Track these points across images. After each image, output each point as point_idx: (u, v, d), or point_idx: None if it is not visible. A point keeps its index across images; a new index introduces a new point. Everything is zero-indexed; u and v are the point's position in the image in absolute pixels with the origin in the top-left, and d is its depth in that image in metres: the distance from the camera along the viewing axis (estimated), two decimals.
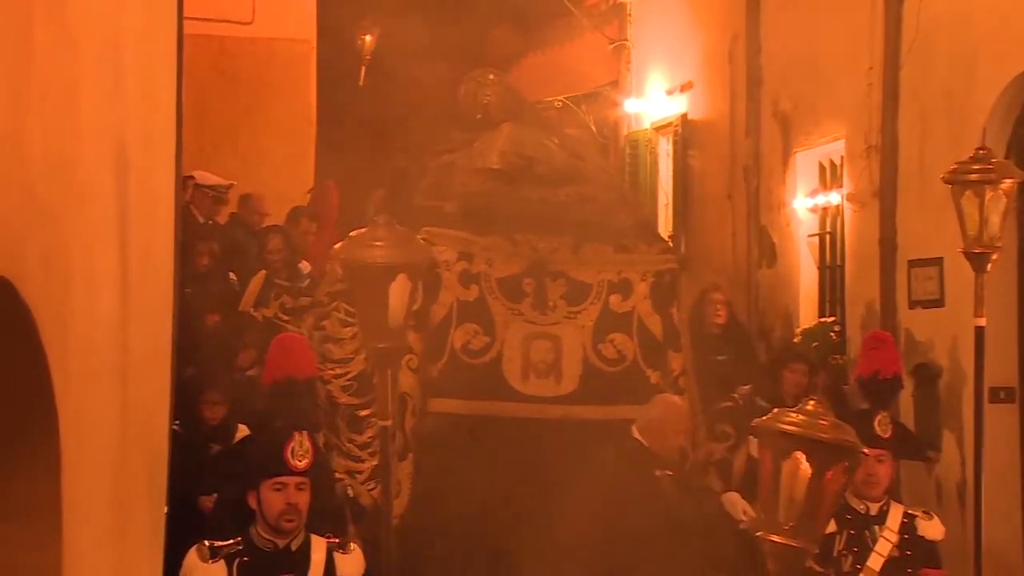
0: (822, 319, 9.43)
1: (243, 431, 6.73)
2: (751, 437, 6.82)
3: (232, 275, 9.32)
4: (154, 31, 4.94)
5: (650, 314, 7.06)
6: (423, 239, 6.21)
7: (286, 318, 7.32)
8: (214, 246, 9.28)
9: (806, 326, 9.44)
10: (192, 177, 10.11)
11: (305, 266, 9.58)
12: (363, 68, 14.38)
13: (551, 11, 15.19)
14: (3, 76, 2.98)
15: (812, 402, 3.74)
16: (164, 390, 5.37)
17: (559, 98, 12.80)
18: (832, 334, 9.12)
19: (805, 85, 9.63)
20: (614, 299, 7.03)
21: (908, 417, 8.02)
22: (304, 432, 4.43)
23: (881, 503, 5.40)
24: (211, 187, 10.44)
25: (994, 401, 7.39)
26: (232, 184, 10.64)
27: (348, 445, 6.75)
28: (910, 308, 8.12)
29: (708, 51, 11.50)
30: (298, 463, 4.34)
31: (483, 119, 7.66)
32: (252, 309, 8.24)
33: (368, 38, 14.32)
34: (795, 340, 9.17)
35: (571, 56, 14.32)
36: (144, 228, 4.79)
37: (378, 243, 4.54)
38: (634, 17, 13.23)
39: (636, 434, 6.42)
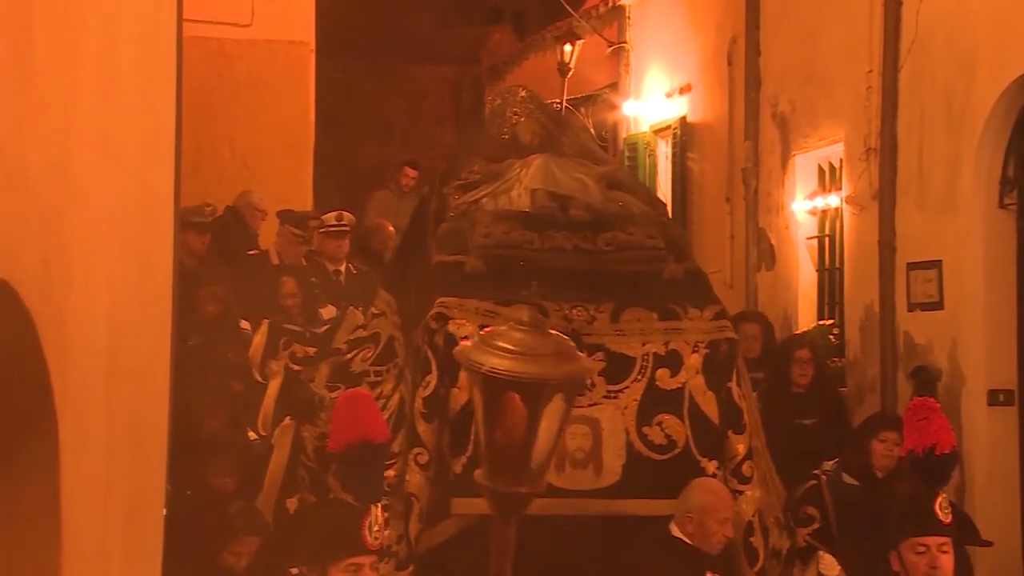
0: (821, 321, 9.44)
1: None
2: (820, 553, 6.28)
3: (244, 323, 8.25)
4: (153, 33, 4.94)
5: (703, 392, 5.97)
6: (438, 312, 5.66)
7: (297, 368, 6.71)
8: (219, 290, 8.29)
9: (805, 328, 9.44)
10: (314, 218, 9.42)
11: (329, 311, 8.60)
12: (565, 82, 13.42)
13: (550, 13, 15.22)
14: (2, 78, 2.98)
15: None
16: (163, 393, 5.37)
17: (557, 100, 12.80)
18: (831, 336, 9.13)
19: (804, 88, 9.63)
20: (661, 374, 5.97)
21: None
22: (379, 505, 3.89)
23: None
24: (333, 225, 9.44)
25: (993, 404, 7.41)
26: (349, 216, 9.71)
27: None
28: (909, 311, 8.12)
29: (707, 54, 11.50)
30: (375, 541, 3.76)
31: (510, 140, 6.92)
32: (258, 370, 7.37)
33: (568, 48, 13.34)
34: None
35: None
36: (143, 230, 4.79)
37: (517, 348, 3.17)
38: (633, 20, 13.24)
39: (675, 531, 5.59)
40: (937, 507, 4.56)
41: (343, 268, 9.35)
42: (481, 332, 3.24)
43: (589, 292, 6.05)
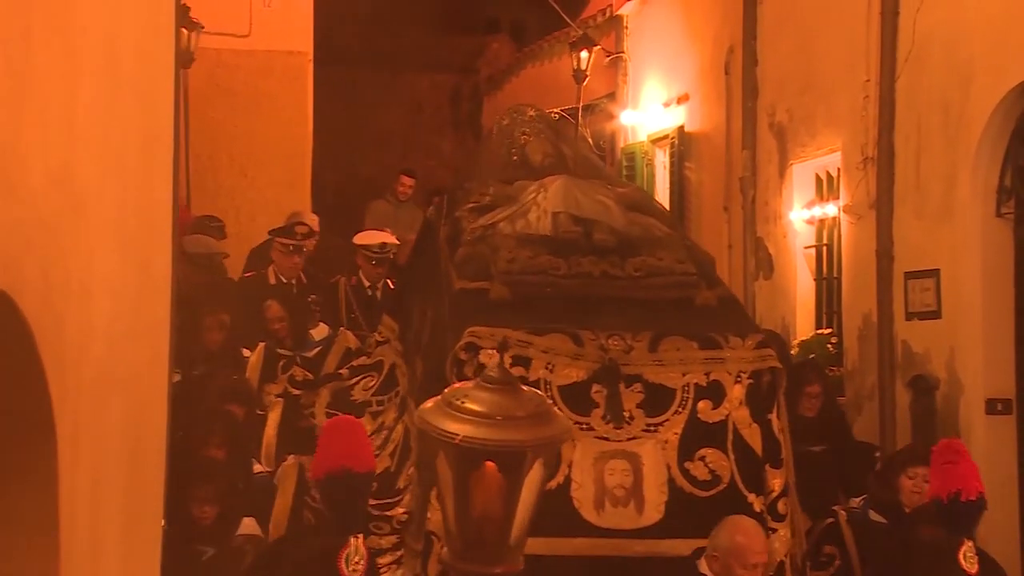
0: (819, 331, 9.44)
1: (248, 525, 5.98)
2: None
3: (245, 351, 7.90)
4: (152, 43, 4.95)
5: (748, 424, 5.68)
6: (469, 342, 5.40)
7: (297, 392, 6.45)
8: (224, 318, 7.96)
9: (803, 338, 9.45)
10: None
11: (321, 331, 8.35)
12: (580, 90, 13.32)
13: (548, 23, 15.24)
14: (2, 88, 2.98)
15: None
16: (161, 402, 5.37)
17: (556, 110, 12.83)
18: (829, 346, 9.13)
19: (801, 97, 9.65)
20: (703, 406, 5.65)
21: (905, 429, 8.02)
22: (360, 536, 3.85)
23: None
24: (376, 247, 9.24)
25: (991, 413, 7.41)
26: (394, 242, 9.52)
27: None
28: (907, 320, 8.12)
29: (704, 63, 11.53)
30: (352, 573, 3.74)
31: (520, 161, 6.68)
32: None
33: (585, 55, 13.05)
34: (793, 352, 9.02)
35: (568, 68, 14.35)
36: (142, 239, 4.80)
37: (492, 411, 2.81)
38: (631, 29, 13.27)
39: (703, 567, 5.24)
40: (961, 557, 4.40)
41: (380, 284, 9.27)
42: (446, 391, 2.88)
43: (624, 320, 5.75)
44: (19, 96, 3.09)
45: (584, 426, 5.52)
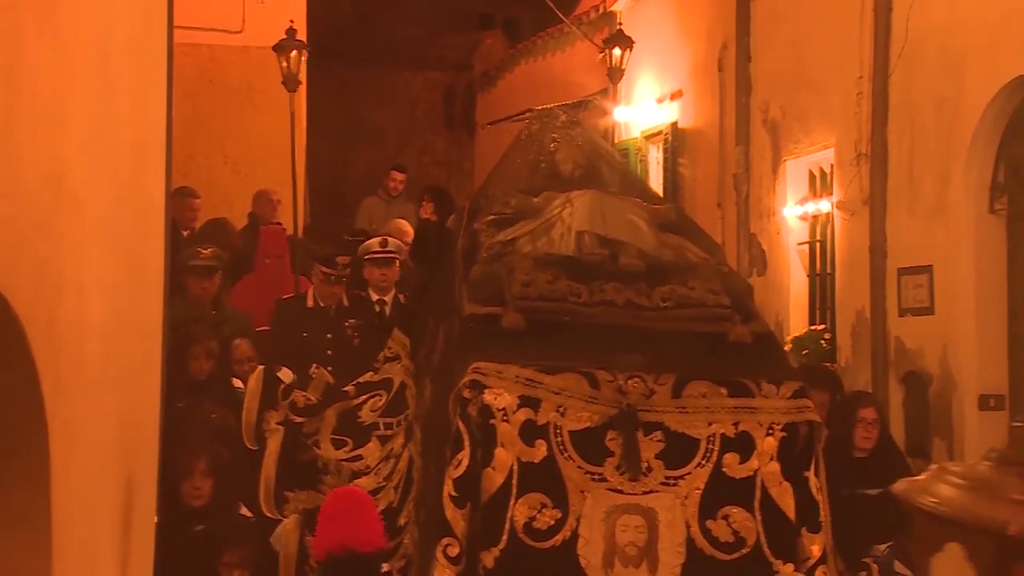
0: (812, 327, 9.45)
1: None
2: None
3: (237, 382, 7.29)
4: (145, 40, 4.95)
5: (778, 482, 5.10)
6: (473, 379, 4.98)
7: (300, 420, 5.92)
8: (212, 345, 7.38)
9: (796, 334, 9.46)
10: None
11: (286, 375, 7.51)
12: (615, 89, 12.91)
13: (542, 19, 15.24)
14: None
15: None
16: (154, 400, 5.38)
17: (549, 107, 12.80)
18: (822, 342, 9.14)
19: (795, 94, 9.66)
20: (729, 460, 5.08)
21: (898, 425, 8.04)
22: None
23: None
24: (377, 252, 8.38)
25: (984, 409, 7.42)
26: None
27: None
28: (900, 316, 8.14)
29: (698, 60, 11.53)
30: None
31: (547, 170, 6.17)
32: (251, 431, 6.06)
33: (618, 52, 12.43)
34: (786, 348, 8.92)
35: (561, 64, 14.36)
36: (135, 237, 4.80)
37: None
38: (624, 25, 13.26)
39: None
40: None
41: (389, 298, 8.35)
42: (933, 468, 2.46)
43: (647, 358, 5.24)
44: (11, 95, 3.08)
45: (596, 476, 5.01)
